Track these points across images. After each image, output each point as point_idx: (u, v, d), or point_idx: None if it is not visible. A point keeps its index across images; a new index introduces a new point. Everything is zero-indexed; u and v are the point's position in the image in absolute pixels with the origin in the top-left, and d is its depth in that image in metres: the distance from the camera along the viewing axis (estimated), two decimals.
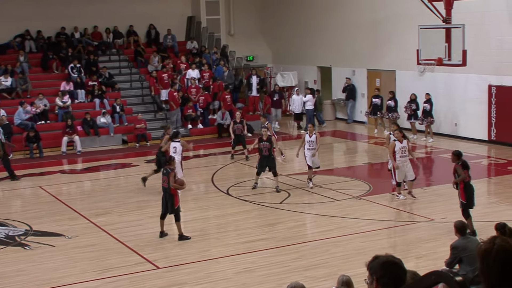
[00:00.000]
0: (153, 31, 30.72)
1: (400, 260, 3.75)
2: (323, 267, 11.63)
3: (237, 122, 21.78)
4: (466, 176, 13.17)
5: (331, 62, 29.75)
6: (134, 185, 18.44)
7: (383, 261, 3.76)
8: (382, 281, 3.70)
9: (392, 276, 3.69)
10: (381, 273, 3.71)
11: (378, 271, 3.73)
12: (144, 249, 12.98)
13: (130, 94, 27.84)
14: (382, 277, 3.70)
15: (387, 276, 3.69)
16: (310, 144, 17.34)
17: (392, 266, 3.72)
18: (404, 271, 3.74)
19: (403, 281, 3.66)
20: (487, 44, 22.06)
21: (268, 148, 17.11)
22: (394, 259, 3.77)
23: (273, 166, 17.20)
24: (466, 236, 9.74)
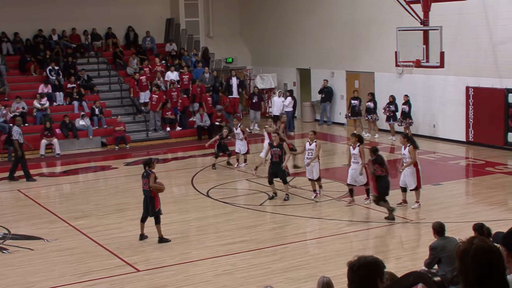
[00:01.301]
0: (132, 33, 30.61)
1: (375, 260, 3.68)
2: (303, 269, 11.65)
3: (223, 137, 20.78)
4: (378, 170, 14.32)
5: (310, 64, 29.84)
6: (113, 188, 18.36)
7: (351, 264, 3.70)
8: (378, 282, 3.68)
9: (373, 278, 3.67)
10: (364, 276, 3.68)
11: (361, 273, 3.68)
12: (124, 252, 12.93)
13: (109, 97, 27.71)
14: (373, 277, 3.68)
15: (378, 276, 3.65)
16: (310, 153, 16.23)
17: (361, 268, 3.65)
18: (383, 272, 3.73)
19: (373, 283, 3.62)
20: (465, 46, 22.25)
21: (279, 154, 16.09)
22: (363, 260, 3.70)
23: (283, 174, 16.26)
24: (445, 236, 9.80)
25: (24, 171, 19.61)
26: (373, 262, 3.70)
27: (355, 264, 3.70)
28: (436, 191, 16.91)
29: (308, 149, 16.23)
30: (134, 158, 22.97)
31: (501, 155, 20.90)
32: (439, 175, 18.87)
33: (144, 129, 26.45)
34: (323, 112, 28.99)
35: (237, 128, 20.53)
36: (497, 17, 21.34)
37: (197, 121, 26.41)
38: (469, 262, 3.39)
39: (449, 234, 9.88)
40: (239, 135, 20.40)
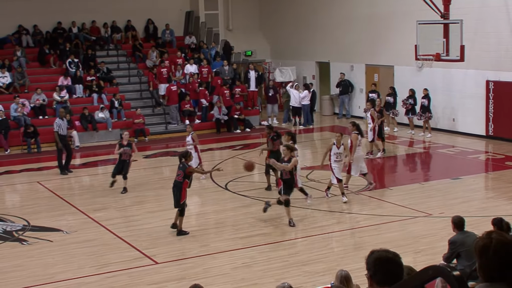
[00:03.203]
0: (151, 26, 30.69)
1: (396, 255, 3.70)
2: (321, 262, 11.64)
3: (123, 145, 17.39)
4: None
5: (330, 57, 29.75)
6: (132, 180, 18.42)
7: (376, 257, 3.71)
8: (375, 278, 3.67)
9: (386, 272, 3.63)
10: (374, 270, 3.67)
11: (372, 267, 3.69)
12: (142, 244, 12.98)
13: (128, 89, 27.81)
14: (375, 273, 3.67)
15: (380, 272, 3.64)
16: (338, 156, 15.39)
17: (386, 262, 3.68)
18: (400, 266, 3.69)
19: (399, 276, 3.62)
20: (485, 39, 22.06)
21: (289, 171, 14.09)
22: (387, 254, 3.71)
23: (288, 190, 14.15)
24: (464, 231, 9.74)
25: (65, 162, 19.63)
26: (395, 255, 3.71)
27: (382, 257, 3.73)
28: (455, 185, 16.82)
29: (336, 153, 15.37)
30: (153, 151, 23.07)
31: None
32: (459, 169, 18.77)
33: (163, 121, 26.53)
34: (341, 106, 28.92)
35: (189, 136, 18.18)
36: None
37: (215, 114, 26.44)
38: (490, 257, 3.36)
39: (468, 229, 9.81)
40: (189, 143, 18.13)
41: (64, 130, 19.71)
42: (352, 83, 28.55)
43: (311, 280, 10.75)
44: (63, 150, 19.52)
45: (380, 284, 3.64)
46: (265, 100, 29.11)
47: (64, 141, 19.56)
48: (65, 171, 19.56)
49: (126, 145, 17.30)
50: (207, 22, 31.76)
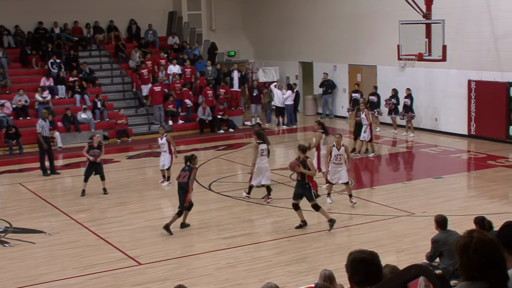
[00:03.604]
0: (134, 26, 30.59)
1: (373, 255, 3.70)
2: (305, 262, 11.67)
3: (93, 147, 17.23)
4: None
5: (313, 57, 29.81)
6: (115, 182, 18.36)
7: (351, 258, 3.74)
8: (354, 279, 3.69)
9: (363, 273, 3.65)
10: (351, 271, 3.69)
11: (349, 269, 3.71)
12: (126, 245, 12.94)
13: (111, 90, 27.71)
14: (352, 275, 3.69)
15: (358, 273, 3.66)
16: (338, 158, 15.05)
17: (361, 263, 3.70)
18: (376, 266, 3.71)
19: (378, 276, 3.63)
20: (467, 39, 22.21)
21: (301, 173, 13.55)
22: (362, 255, 3.73)
23: (310, 196, 13.50)
24: (447, 230, 9.80)
25: (50, 164, 19.52)
26: (372, 255, 3.73)
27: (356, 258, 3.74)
28: (437, 185, 16.91)
29: (337, 155, 15.01)
30: (136, 152, 22.99)
31: (503, 148, 20.89)
32: (441, 169, 18.88)
33: (146, 122, 26.45)
34: (324, 105, 28.99)
35: (162, 138, 17.78)
36: (499, 10, 21.30)
37: (199, 115, 26.40)
38: (470, 256, 3.39)
39: (450, 228, 9.87)
40: (163, 146, 17.71)
41: (46, 131, 19.61)
42: (335, 83, 28.63)
43: (294, 280, 10.77)
44: (46, 152, 19.41)
45: (359, 285, 3.66)
46: (249, 100, 29.12)
47: (47, 143, 19.46)
48: (47, 173, 19.44)
49: (96, 147, 17.15)
50: (190, 22, 31.71)
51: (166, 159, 17.68)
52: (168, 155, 17.62)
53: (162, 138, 17.78)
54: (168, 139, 17.73)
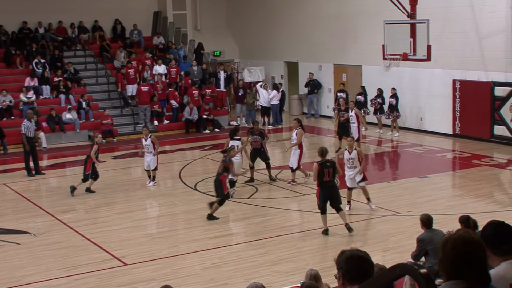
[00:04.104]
0: (119, 26, 30.48)
1: (366, 254, 3.77)
2: (291, 262, 11.67)
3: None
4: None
5: (298, 57, 29.83)
6: (100, 182, 18.28)
7: (348, 255, 3.77)
8: (348, 276, 3.73)
9: (358, 270, 3.71)
10: (346, 268, 3.73)
11: (344, 266, 3.75)
12: (111, 245, 12.89)
13: (96, 90, 27.59)
14: (348, 272, 3.73)
15: (353, 270, 3.71)
16: (350, 161, 14.51)
17: (358, 261, 3.74)
18: (371, 265, 3.76)
19: (370, 275, 3.68)
20: (451, 39, 22.32)
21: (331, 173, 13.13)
22: (359, 253, 3.78)
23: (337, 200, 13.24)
24: (432, 229, 9.84)
25: (34, 165, 19.41)
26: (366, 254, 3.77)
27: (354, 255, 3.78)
28: (423, 184, 16.98)
29: (349, 158, 14.51)
30: (121, 152, 22.91)
31: (487, 147, 21.01)
32: (426, 168, 18.96)
33: (131, 122, 26.38)
34: (310, 105, 29.04)
35: (147, 139, 17.74)
36: (483, 10, 21.42)
37: (185, 115, 26.35)
38: (448, 250, 3.44)
39: (435, 227, 9.92)
40: (148, 148, 17.67)
41: (31, 132, 19.50)
42: (320, 82, 28.67)
43: (280, 280, 10.77)
44: (30, 152, 19.31)
45: (351, 282, 3.69)
46: (234, 100, 29.12)
47: (31, 143, 19.35)
48: (32, 173, 19.34)
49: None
50: (175, 22, 31.64)
51: (152, 159, 17.62)
52: (153, 156, 17.59)
53: (146, 139, 17.72)
54: (153, 139, 17.69)
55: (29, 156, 19.32)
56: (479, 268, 3.42)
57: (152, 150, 17.57)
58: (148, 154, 17.61)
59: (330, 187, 13.00)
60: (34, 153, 19.54)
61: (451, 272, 3.43)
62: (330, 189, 13.00)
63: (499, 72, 21.19)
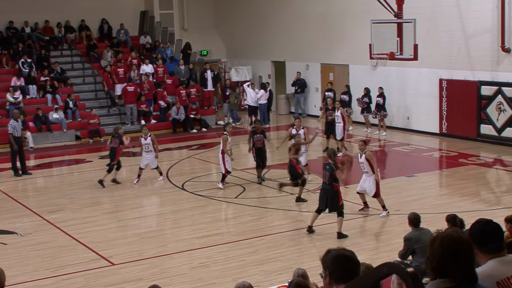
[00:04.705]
0: (106, 26, 30.38)
1: (353, 253, 3.77)
2: (278, 261, 11.68)
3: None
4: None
5: (285, 57, 29.85)
6: (87, 182, 18.24)
7: (335, 255, 3.76)
8: (334, 275, 3.72)
9: (345, 269, 3.70)
10: (333, 267, 3.73)
11: (330, 265, 3.75)
12: (99, 245, 12.85)
13: (83, 90, 27.49)
14: (334, 271, 3.72)
15: (339, 270, 3.71)
16: (362, 166, 14.33)
17: (344, 260, 3.73)
18: (357, 264, 3.76)
19: (356, 274, 3.68)
20: (438, 38, 22.41)
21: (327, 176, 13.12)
22: (345, 252, 3.78)
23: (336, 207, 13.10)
24: (420, 228, 9.87)
25: (21, 165, 19.30)
26: (352, 253, 3.78)
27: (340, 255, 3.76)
28: (410, 183, 17.03)
29: (360, 163, 14.34)
30: (108, 151, 22.75)
31: (474, 146, 21.11)
32: (413, 167, 19.02)
33: (118, 122, 26.28)
34: (297, 104, 29.07)
35: (147, 138, 17.79)
36: (469, 10, 21.52)
37: (172, 114, 26.31)
38: (435, 248, 3.45)
39: (422, 225, 9.95)
40: (148, 146, 17.73)
41: (18, 131, 19.41)
42: (307, 82, 28.71)
43: (268, 279, 10.78)
44: (17, 152, 19.21)
45: (338, 282, 3.69)
46: (221, 100, 29.12)
47: (18, 143, 19.26)
48: (19, 173, 19.24)
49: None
50: (162, 21, 31.57)
51: (152, 158, 17.77)
52: (153, 154, 17.74)
53: (146, 138, 17.79)
54: (152, 138, 17.84)
55: (16, 156, 19.22)
56: (466, 267, 3.44)
57: (152, 149, 17.71)
58: (148, 153, 17.70)
59: (325, 190, 13.04)
60: (21, 153, 19.45)
61: (438, 270, 3.45)
62: (326, 192, 13.00)
63: (485, 72, 21.30)
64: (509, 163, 18.91)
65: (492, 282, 3.82)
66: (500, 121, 21.02)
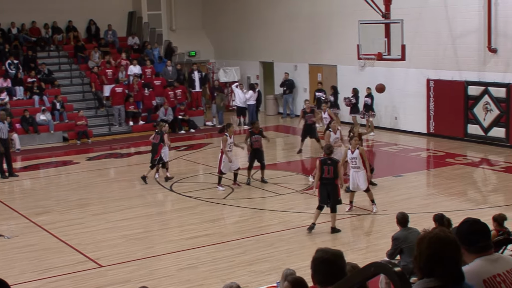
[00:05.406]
0: (93, 27, 30.26)
1: (336, 255, 3.69)
2: (267, 262, 11.65)
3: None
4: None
5: (273, 57, 29.85)
6: (75, 183, 18.14)
7: (314, 257, 3.73)
8: (315, 278, 3.68)
9: (324, 273, 3.65)
10: (313, 270, 3.69)
11: (312, 268, 3.71)
12: (86, 247, 12.77)
13: (71, 91, 27.35)
14: (314, 274, 3.69)
15: (319, 273, 3.66)
16: (353, 162, 14.36)
17: (322, 263, 3.70)
18: (340, 267, 3.71)
19: (339, 276, 3.63)
20: (425, 39, 22.47)
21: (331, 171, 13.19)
22: (325, 255, 3.72)
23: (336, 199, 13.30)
24: (408, 227, 9.88)
25: (8, 166, 19.18)
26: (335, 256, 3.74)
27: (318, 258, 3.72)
28: (397, 183, 17.05)
29: (352, 158, 14.33)
30: (96, 153, 22.72)
31: (461, 146, 21.18)
32: (401, 167, 19.06)
33: (106, 123, 26.20)
34: (285, 105, 29.07)
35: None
36: (456, 10, 21.59)
37: (160, 115, 26.22)
38: (423, 248, 3.45)
39: (410, 225, 9.96)
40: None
41: (5, 133, 19.28)
42: (295, 82, 28.72)
43: (256, 280, 10.75)
44: (3, 154, 19.08)
45: (321, 285, 3.65)
46: (209, 101, 29.08)
47: (5, 145, 19.13)
48: (5, 175, 19.11)
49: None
50: (150, 22, 31.50)
51: (166, 152, 17.99)
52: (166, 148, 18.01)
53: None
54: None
55: (2, 158, 19.10)
56: (453, 267, 3.44)
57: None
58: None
59: (328, 185, 13.02)
60: (8, 155, 19.32)
61: (425, 270, 3.44)
62: (329, 186, 13.01)
63: (472, 72, 21.37)
64: (496, 163, 19.00)
65: (479, 280, 3.83)
66: (486, 121, 21.10)
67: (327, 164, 13.04)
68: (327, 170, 13.04)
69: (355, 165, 14.34)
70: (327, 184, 13.07)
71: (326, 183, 13.07)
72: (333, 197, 13.07)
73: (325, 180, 13.08)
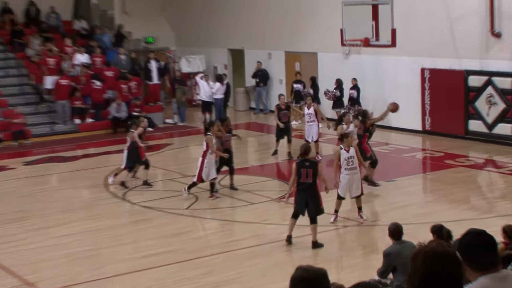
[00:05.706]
0: (33, 9, 30.09)
1: (318, 275, 3.66)
2: (238, 282, 11.58)
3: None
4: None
5: (244, 44, 29.83)
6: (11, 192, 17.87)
7: (292, 277, 3.71)
8: None
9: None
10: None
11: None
12: (22, 269, 12.54)
13: (5, 83, 27.15)
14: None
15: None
16: (351, 162, 14.39)
17: (303, 284, 3.68)
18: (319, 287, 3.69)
19: None
20: (419, 22, 22.51)
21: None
22: (305, 274, 3.70)
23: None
24: (401, 240, 9.81)
25: None
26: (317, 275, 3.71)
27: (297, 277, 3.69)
28: (389, 188, 17.07)
29: (348, 158, 14.25)
30: (35, 156, 22.44)
31: (462, 145, 21.28)
32: (393, 170, 19.07)
33: (48, 121, 25.95)
34: (258, 99, 29.04)
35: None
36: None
37: (112, 112, 25.98)
38: (417, 265, 3.49)
39: (405, 238, 9.87)
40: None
41: None
42: (269, 73, 28.70)
43: None
44: None
45: None
46: (170, 95, 28.94)
47: None
48: None
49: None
50: (100, 4, 31.40)
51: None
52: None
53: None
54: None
55: None
56: (453, 286, 3.45)
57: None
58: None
59: (307, 191, 12.92)
60: None
61: (417, 287, 3.45)
62: (308, 193, 12.91)
63: (473, 60, 21.47)
64: (503, 164, 19.08)
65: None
66: (490, 116, 21.21)
67: (305, 167, 12.92)
68: (305, 174, 12.91)
69: (351, 166, 14.27)
70: (306, 190, 12.94)
71: (305, 189, 12.95)
72: (314, 205, 12.94)
73: (303, 186, 12.96)
